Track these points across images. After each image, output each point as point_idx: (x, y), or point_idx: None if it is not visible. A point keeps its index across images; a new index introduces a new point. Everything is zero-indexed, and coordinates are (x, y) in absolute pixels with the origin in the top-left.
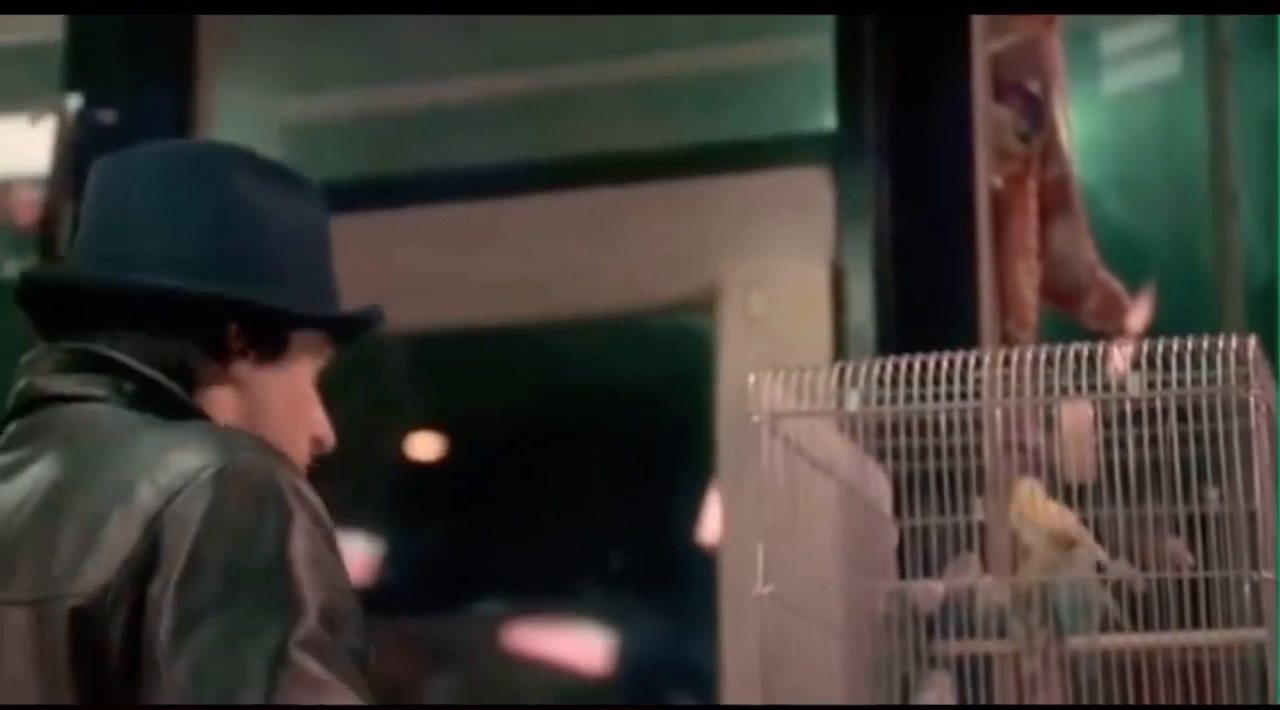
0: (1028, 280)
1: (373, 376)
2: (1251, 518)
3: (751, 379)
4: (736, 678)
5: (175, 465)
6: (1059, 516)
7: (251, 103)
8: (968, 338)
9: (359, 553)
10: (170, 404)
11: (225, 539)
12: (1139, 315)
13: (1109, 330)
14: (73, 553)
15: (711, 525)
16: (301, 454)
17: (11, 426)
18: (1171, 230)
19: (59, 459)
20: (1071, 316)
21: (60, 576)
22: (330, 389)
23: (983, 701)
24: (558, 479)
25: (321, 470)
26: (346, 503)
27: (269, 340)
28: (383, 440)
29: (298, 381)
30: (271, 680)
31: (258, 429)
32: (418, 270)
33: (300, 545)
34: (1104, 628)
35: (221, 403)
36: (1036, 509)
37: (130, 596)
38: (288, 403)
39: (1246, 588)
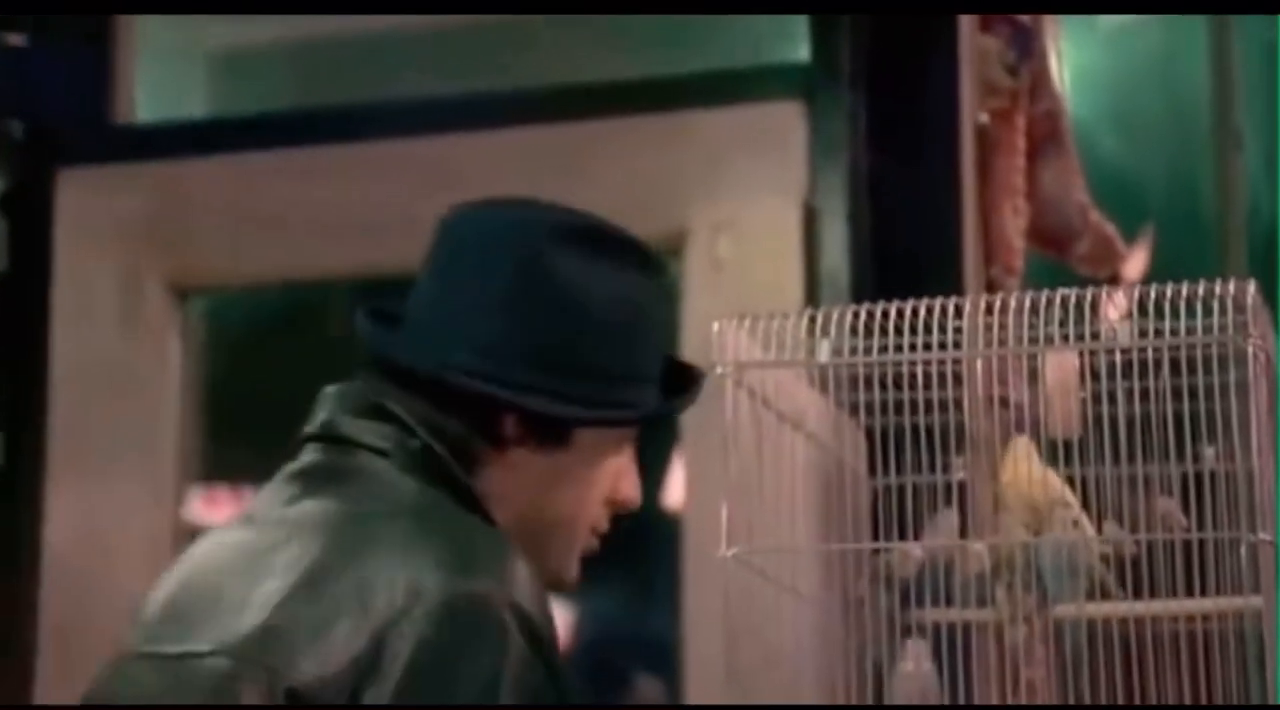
0: (1014, 223)
1: (316, 325)
2: (1249, 476)
3: (716, 326)
4: (699, 646)
5: (410, 581)
6: (1046, 478)
7: (175, 32)
8: (949, 285)
9: None
10: (444, 477)
11: (440, 666)
12: (1135, 261)
13: (1101, 277)
14: (302, 631)
15: (673, 483)
16: (585, 529)
17: (304, 454)
18: (1170, 170)
19: (320, 525)
20: (1061, 262)
21: (275, 647)
22: (269, 338)
23: (962, 672)
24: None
25: (258, 429)
26: (282, 460)
27: (549, 433)
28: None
29: (585, 465)
30: None
31: (534, 508)
32: (363, 210)
33: (510, 676)
34: (1092, 595)
35: (497, 482)
36: (1024, 470)
37: (347, 693)
38: (571, 484)
39: (1243, 550)
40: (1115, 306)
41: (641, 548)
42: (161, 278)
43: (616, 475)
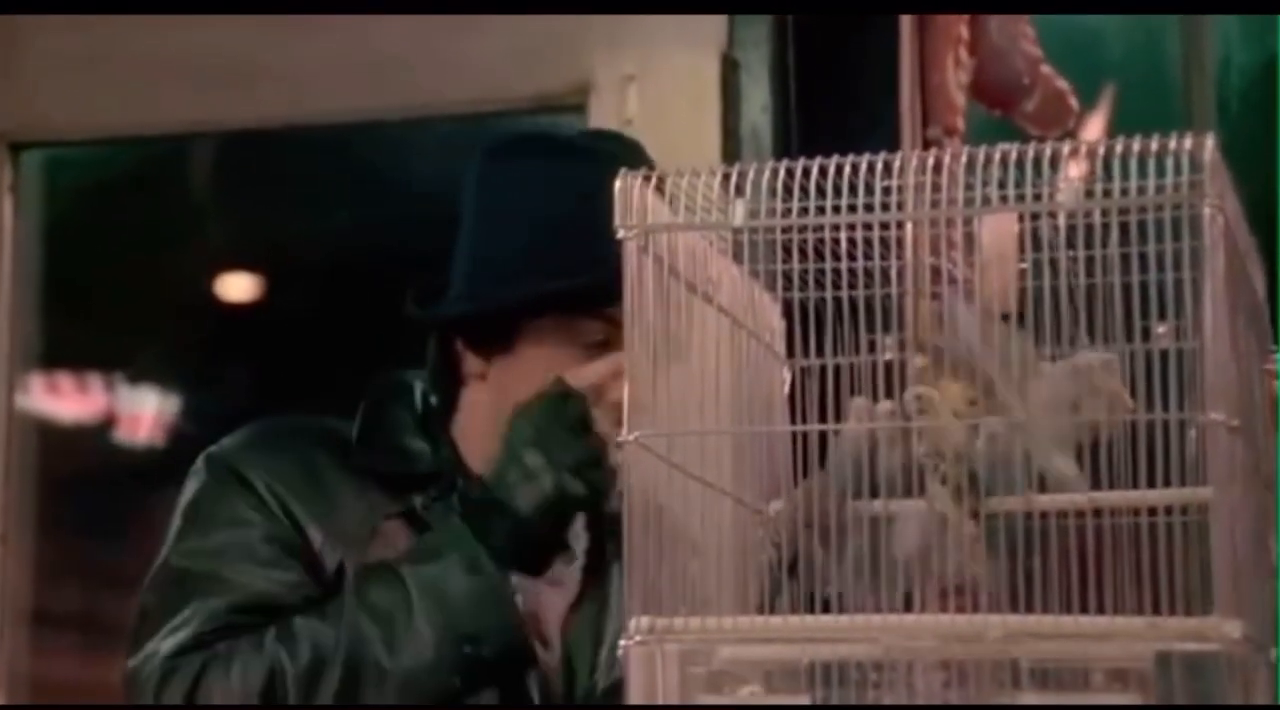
0: (955, 76)
1: (172, 184)
2: (1202, 352)
3: (618, 185)
4: None
5: None
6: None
7: None
8: (882, 145)
9: (151, 404)
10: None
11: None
12: (1093, 124)
13: (1053, 137)
14: None
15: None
16: None
17: None
18: (1131, 20)
19: None
20: (1008, 121)
21: None
22: (116, 199)
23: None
24: (392, 309)
25: (107, 305)
26: (135, 344)
27: (483, 340)
28: (181, 262)
29: (535, 369)
30: None
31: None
32: (225, 57)
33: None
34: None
35: (471, 398)
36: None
37: None
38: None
39: (1192, 433)
40: (1060, 164)
41: None
42: None
43: (592, 374)
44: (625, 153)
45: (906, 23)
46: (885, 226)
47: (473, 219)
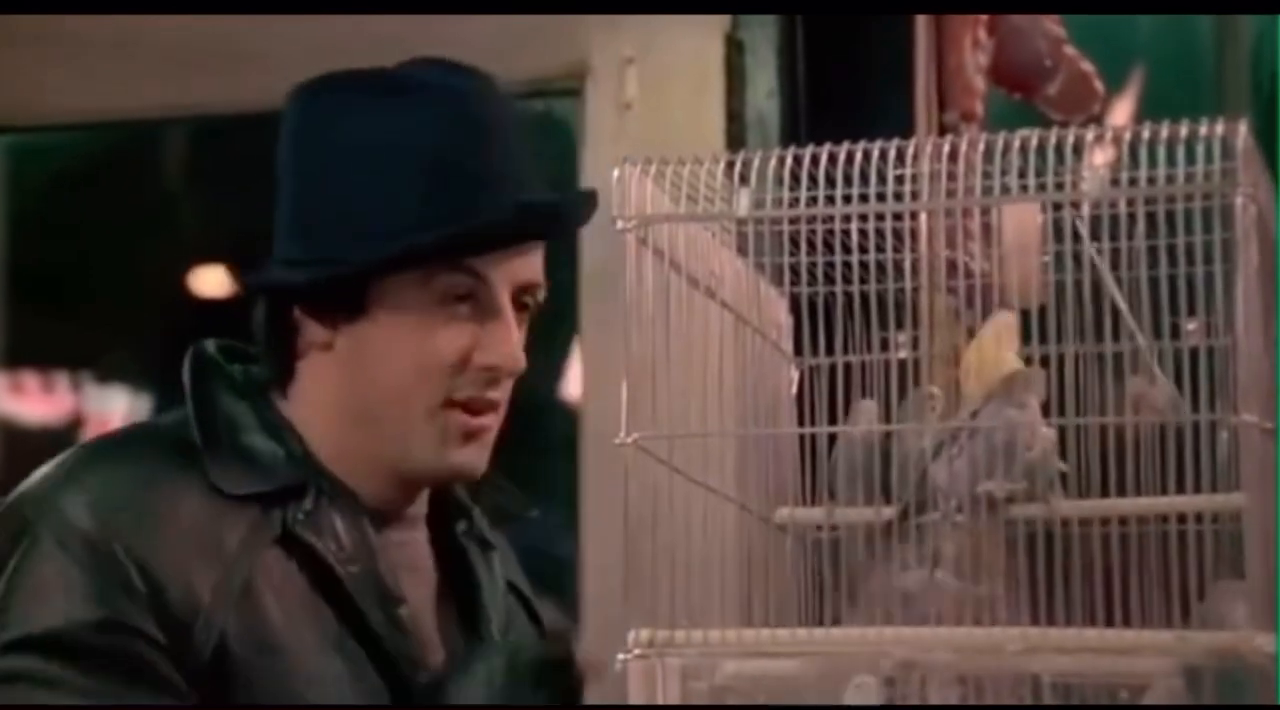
0: (974, 58)
1: (145, 172)
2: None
3: (616, 173)
4: (598, 549)
5: None
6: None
7: None
8: (896, 132)
9: (121, 405)
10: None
11: None
12: (1120, 108)
13: (1077, 122)
14: None
15: (575, 366)
16: (426, 405)
17: None
18: None
19: None
20: (1030, 104)
21: None
22: (83, 187)
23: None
24: None
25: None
26: (104, 341)
27: (330, 306)
28: (154, 254)
29: (395, 334)
30: None
31: (355, 394)
32: (206, 37)
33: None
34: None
35: (311, 372)
36: (990, 353)
37: None
38: (384, 358)
39: (1224, 435)
40: (1102, 154)
41: (533, 430)
42: None
43: (458, 337)
44: (476, 83)
45: None
46: (899, 217)
47: (301, 167)
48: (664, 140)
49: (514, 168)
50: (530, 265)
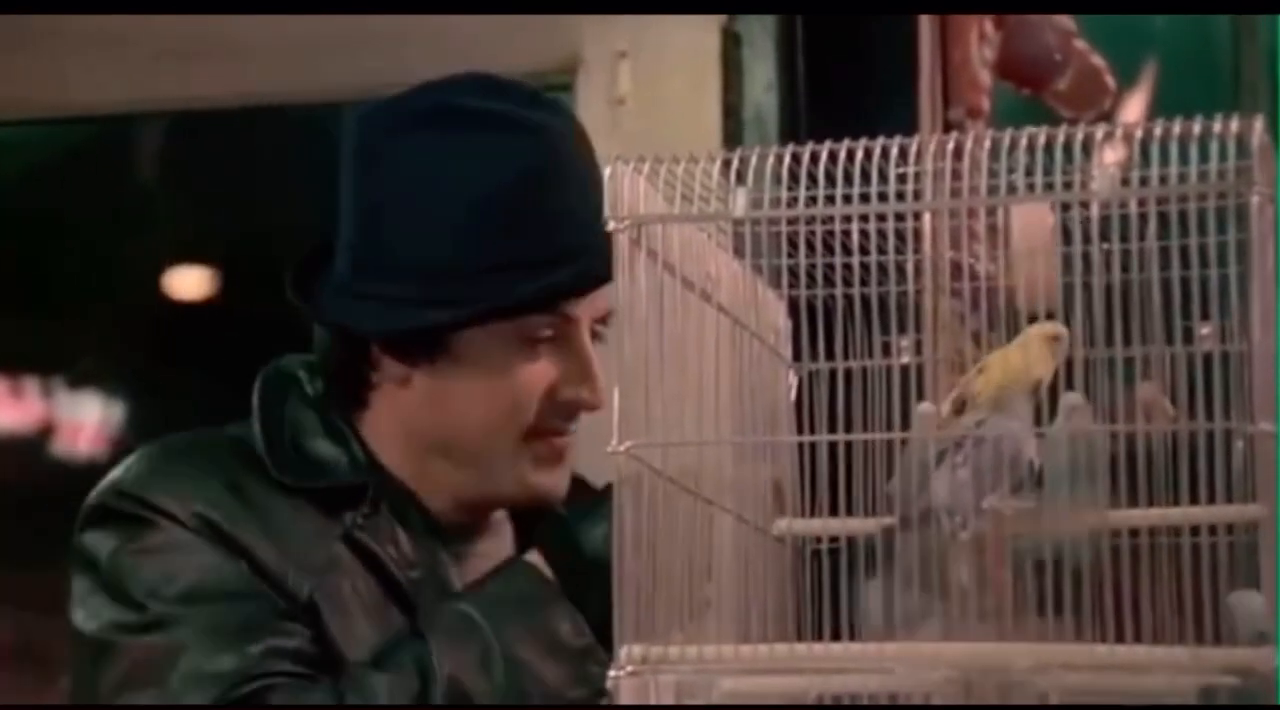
0: (980, 52)
1: (118, 169)
2: (1250, 356)
3: (608, 172)
4: None
5: None
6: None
7: None
8: (900, 129)
9: (94, 412)
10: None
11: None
12: (1132, 104)
13: (1087, 119)
14: None
15: None
16: (512, 439)
17: None
18: None
19: None
20: (1038, 100)
21: None
22: (52, 186)
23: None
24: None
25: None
26: (76, 345)
27: (413, 348)
28: (128, 256)
29: (481, 374)
30: None
31: (438, 428)
32: (187, 27)
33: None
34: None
35: (388, 406)
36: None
37: None
38: (469, 398)
39: (1239, 444)
40: (1113, 152)
41: None
42: None
43: (543, 374)
44: (560, 120)
45: None
46: (901, 217)
47: (374, 198)
48: (658, 137)
49: (594, 201)
50: (605, 295)
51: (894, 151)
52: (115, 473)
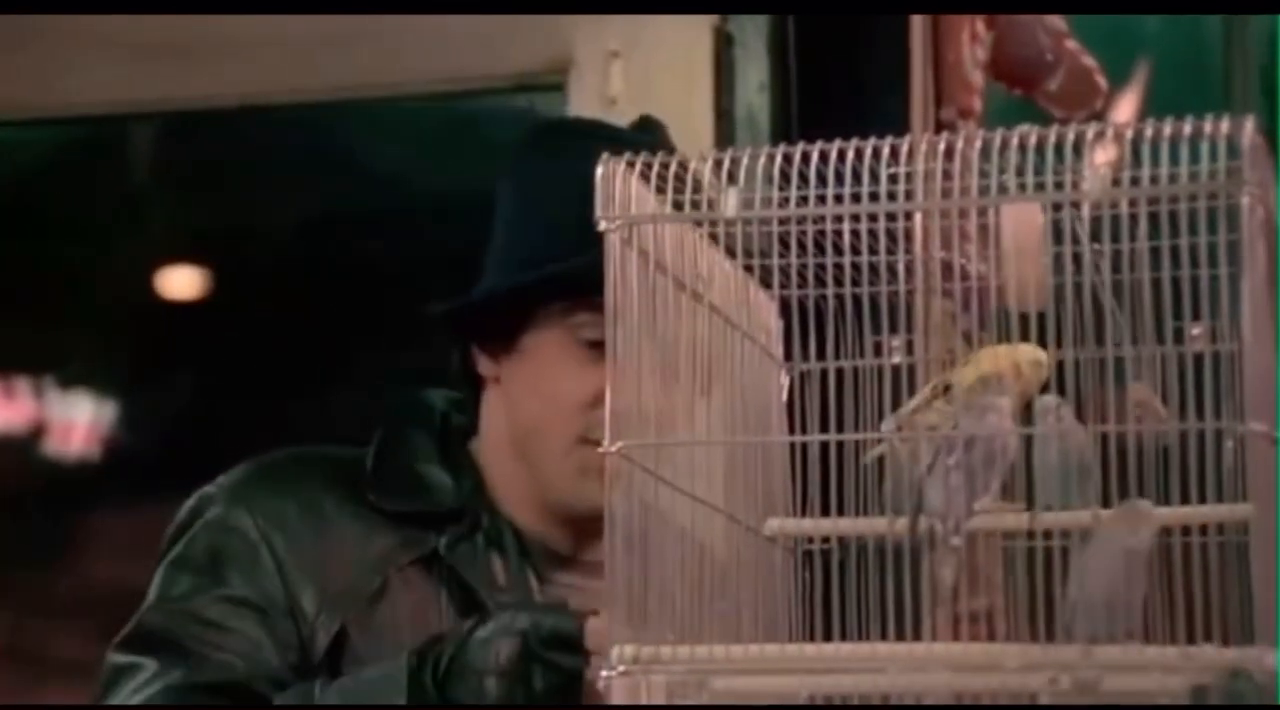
0: (972, 53)
1: (109, 169)
2: (1240, 356)
3: (599, 171)
4: None
5: None
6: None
7: None
8: (891, 129)
9: (85, 412)
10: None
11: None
12: (1124, 105)
13: (1079, 119)
14: None
15: None
16: (558, 442)
17: None
18: None
19: None
20: (1030, 101)
21: None
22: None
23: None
24: (355, 307)
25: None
26: (67, 345)
27: (490, 341)
28: (119, 255)
29: (536, 372)
30: None
31: (512, 423)
32: (175, 27)
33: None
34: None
35: (491, 401)
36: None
37: None
38: (528, 394)
39: (1230, 444)
40: (1104, 152)
41: None
42: None
43: (593, 377)
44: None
45: None
46: (893, 218)
47: (499, 205)
48: None
49: None
50: None
51: (885, 152)
52: (218, 478)
